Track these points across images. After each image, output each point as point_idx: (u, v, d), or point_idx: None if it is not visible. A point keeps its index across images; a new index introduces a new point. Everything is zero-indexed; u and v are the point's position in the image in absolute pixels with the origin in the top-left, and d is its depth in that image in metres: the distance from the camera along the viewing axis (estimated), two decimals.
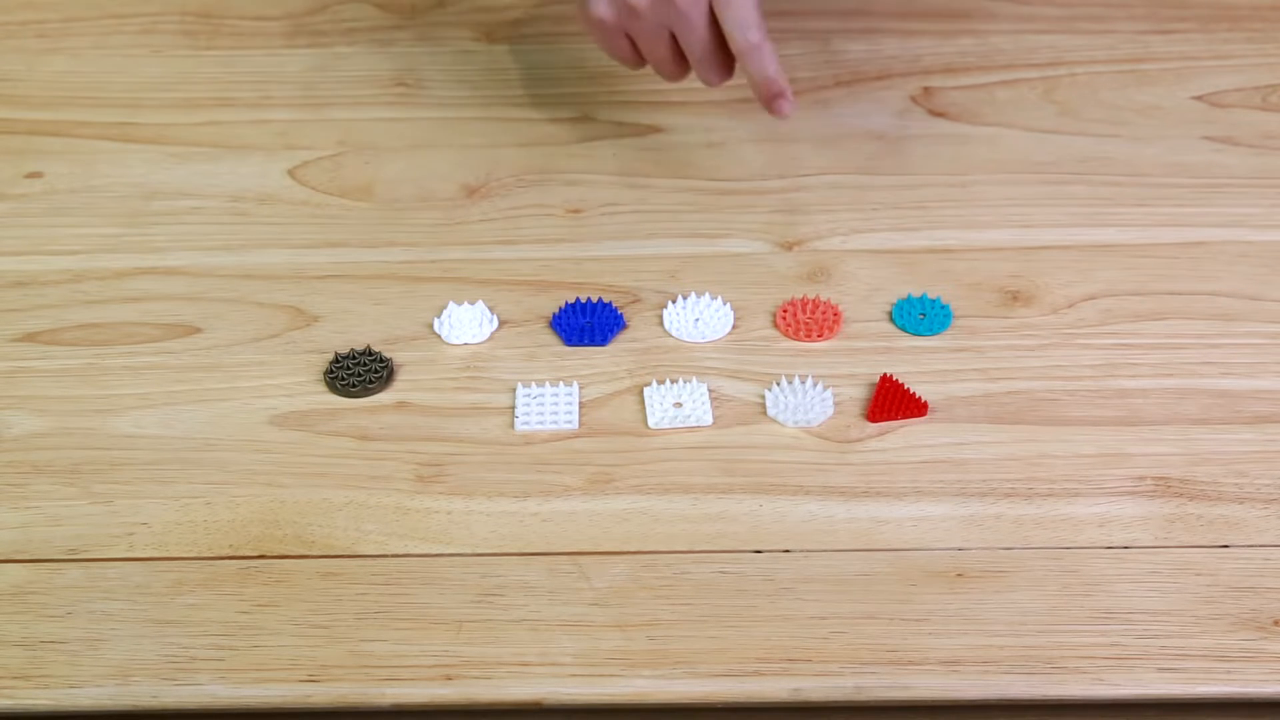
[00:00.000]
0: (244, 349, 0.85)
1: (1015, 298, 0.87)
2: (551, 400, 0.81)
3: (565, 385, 0.82)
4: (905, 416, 0.80)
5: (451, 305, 0.86)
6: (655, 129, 1.00)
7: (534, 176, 0.97)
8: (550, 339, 0.86)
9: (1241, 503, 0.76)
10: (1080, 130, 1.00)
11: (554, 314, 0.86)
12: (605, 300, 0.87)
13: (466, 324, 0.85)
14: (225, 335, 0.86)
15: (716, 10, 0.87)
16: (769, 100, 0.88)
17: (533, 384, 0.82)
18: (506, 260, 0.91)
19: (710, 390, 0.82)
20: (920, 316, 0.86)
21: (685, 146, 0.98)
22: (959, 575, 0.73)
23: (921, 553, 0.74)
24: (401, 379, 0.83)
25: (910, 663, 0.69)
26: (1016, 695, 0.68)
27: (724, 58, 0.90)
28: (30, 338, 0.86)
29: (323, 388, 0.83)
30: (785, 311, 0.86)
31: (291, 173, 0.97)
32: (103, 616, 0.71)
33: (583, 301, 0.87)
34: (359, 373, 0.82)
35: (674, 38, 0.89)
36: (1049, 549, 0.74)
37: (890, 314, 0.86)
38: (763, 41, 0.87)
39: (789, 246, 0.90)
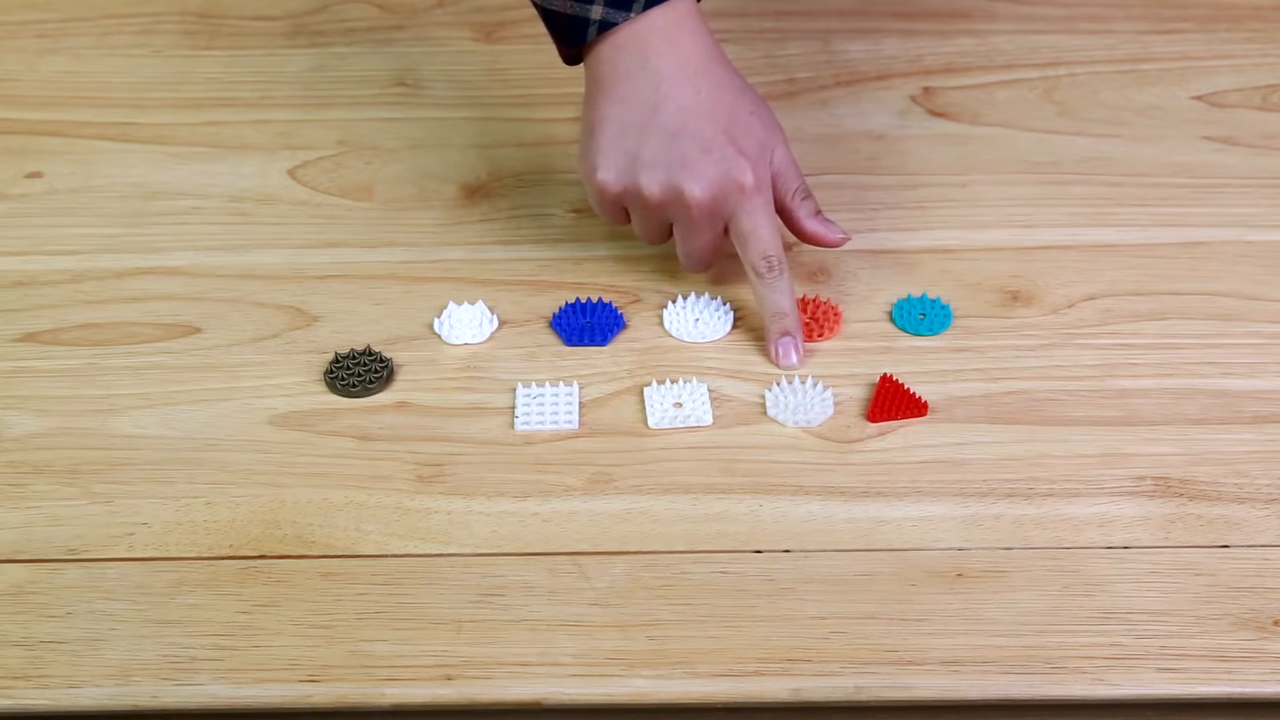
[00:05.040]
0: (244, 349, 0.85)
1: (1015, 298, 0.87)
2: (551, 400, 0.81)
3: (565, 385, 0.82)
4: (905, 416, 0.80)
5: (451, 305, 0.86)
6: None
7: (534, 176, 0.97)
8: (550, 339, 0.86)
9: (1241, 503, 0.76)
10: (1080, 130, 1.00)
11: (554, 314, 0.86)
12: (605, 300, 0.87)
13: (466, 324, 0.85)
14: (225, 335, 0.86)
15: (735, 239, 0.83)
16: (776, 338, 0.83)
17: (533, 384, 0.82)
18: (506, 260, 0.91)
19: (710, 390, 0.82)
20: (920, 316, 0.86)
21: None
22: (959, 575, 0.73)
23: (921, 553, 0.74)
24: (401, 379, 0.83)
25: (910, 663, 0.69)
26: (1016, 695, 0.68)
27: (714, 259, 0.86)
28: (30, 338, 0.86)
29: (323, 388, 0.83)
30: None
31: (291, 173, 0.97)
32: (103, 616, 0.71)
33: (583, 301, 0.87)
34: (359, 373, 0.82)
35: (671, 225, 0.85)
36: (1049, 549, 0.74)
37: (890, 314, 0.86)
38: (780, 275, 0.82)
39: (789, 246, 0.90)
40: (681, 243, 0.85)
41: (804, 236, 0.86)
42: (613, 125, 0.82)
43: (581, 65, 0.85)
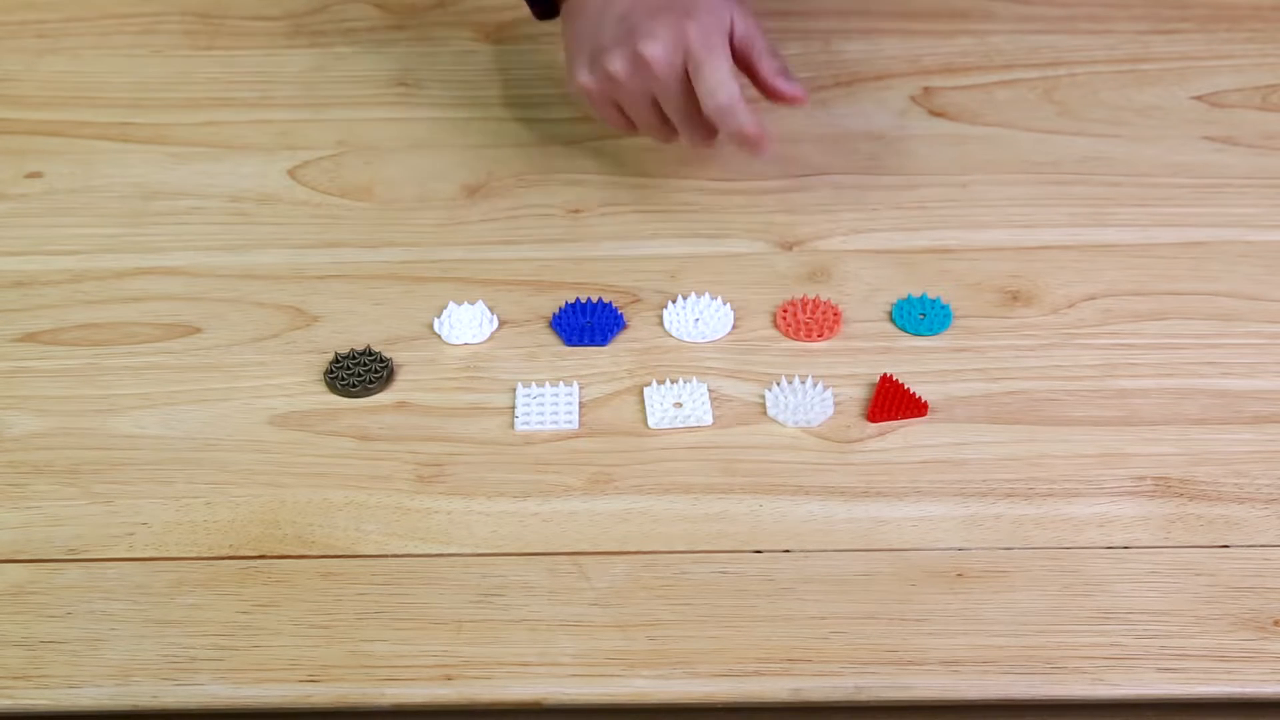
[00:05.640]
0: (244, 349, 0.85)
1: (1015, 298, 0.87)
2: (551, 400, 0.81)
3: (565, 385, 0.82)
4: (905, 416, 0.80)
5: (451, 305, 0.86)
6: None
7: (534, 176, 0.97)
8: (550, 339, 0.86)
9: (1241, 503, 0.76)
10: (1080, 130, 1.00)
11: (554, 314, 0.86)
12: (605, 300, 0.87)
13: (466, 324, 0.85)
14: (225, 335, 0.86)
15: (691, 76, 0.86)
16: (748, 146, 0.87)
17: (533, 384, 0.82)
18: (506, 260, 0.91)
19: (710, 390, 0.82)
20: (920, 316, 0.86)
21: (685, 147, 0.98)
22: (959, 575, 0.73)
23: (921, 553, 0.74)
24: (401, 379, 0.83)
25: (910, 663, 0.69)
26: (1016, 695, 0.68)
27: (707, 120, 0.88)
28: (30, 338, 0.86)
29: (323, 388, 0.83)
30: (785, 311, 0.86)
31: (291, 173, 0.97)
32: (103, 616, 0.71)
33: (583, 301, 0.87)
34: (359, 373, 0.82)
35: (658, 103, 0.88)
36: (1049, 549, 0.74)
37: (890, 314, 0.86)
38: (734, 102, 0.85)
39: (789, 246, 0.90)
40: (672, 116, 0.88)
41: (765, 90, 0.90)
42: (578, 37, 0.89)
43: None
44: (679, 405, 0.81)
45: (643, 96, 0.88)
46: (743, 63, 0.88)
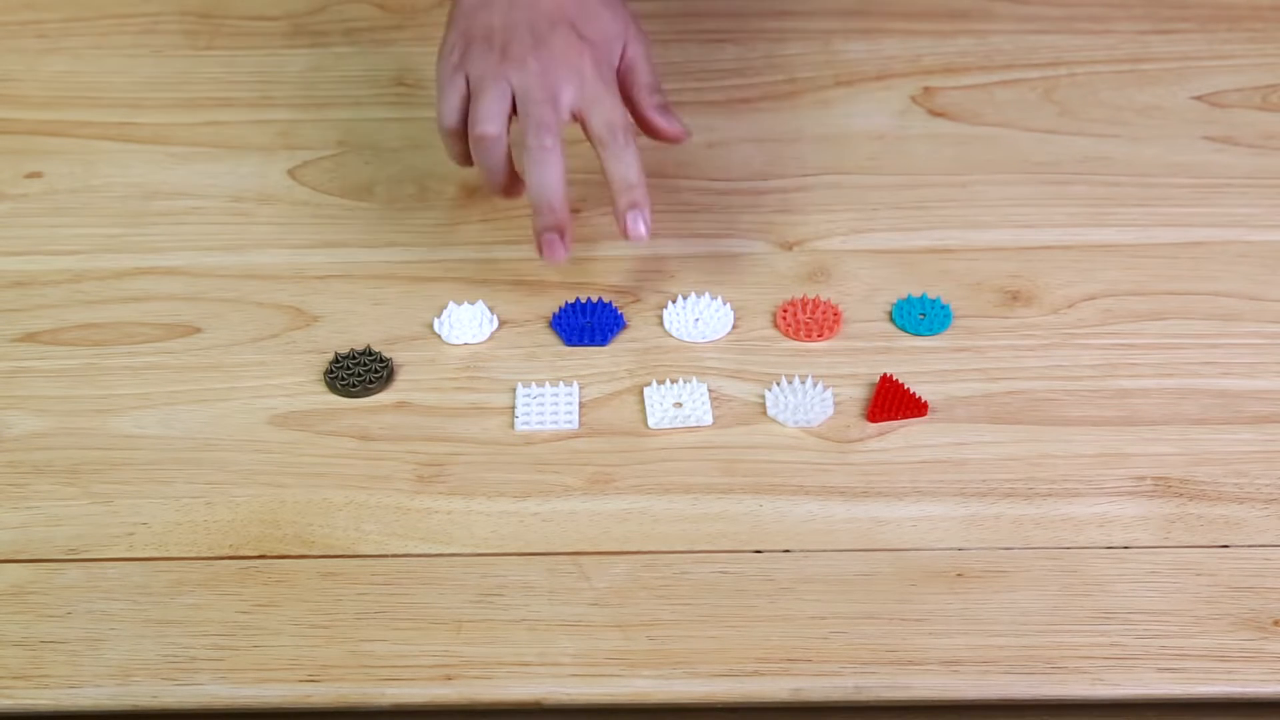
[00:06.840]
0: (244, 349, 0.85)
1: (1015, 298, 0.87)
2: (551, 400, 0.81)
3: (565, 385, 0.82)
4: (905, 416, 0.80)
5: (451, 305, 0.86)
6: None
7: None
8: (550, 339, 0.86)
9: (1241, 503, 0.76)
10: (1080, 130, 1.00)
11: (554, 314, 0.86)
12: (605, 300, 0.87)
13: (466, 324, 0.85)
14: (225, 335, 0.86)
15: (580, 113, 0.84)
16: (624, 210, 0.83)
17: (533, 384, 0.82)
18: (506, 260, 0.91)
19: (710, 390, 0.82)
20: (920, 316, 0.86)
21: (685, 146, 0.97)
22: (959, 575, 0.73)
23: (921, 553, 0.74)
24: (401, 379, 0.83)
25: (910, 663, 0.69)
26: (1016, 695, 0.68)
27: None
28: (30, 338, 0.86)
29: (323, 388, 0.83)
30: (785, 311, 0.86)
31: (291, 173, 0.97)
32: (103, 616, 0.71)
33: (583, 301, 0.87)
34: (359, 373, 0.82)
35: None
36: (1049, 549, 0.74)
37: (890, 314, 0.86)
38: (627, 146, 0.83)
39: (789, 246, 0.90)
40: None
41: (644, 126, 0.88)
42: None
43: None
44: (679, 405, 0.81)
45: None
46: (624, 89, 0.86)
